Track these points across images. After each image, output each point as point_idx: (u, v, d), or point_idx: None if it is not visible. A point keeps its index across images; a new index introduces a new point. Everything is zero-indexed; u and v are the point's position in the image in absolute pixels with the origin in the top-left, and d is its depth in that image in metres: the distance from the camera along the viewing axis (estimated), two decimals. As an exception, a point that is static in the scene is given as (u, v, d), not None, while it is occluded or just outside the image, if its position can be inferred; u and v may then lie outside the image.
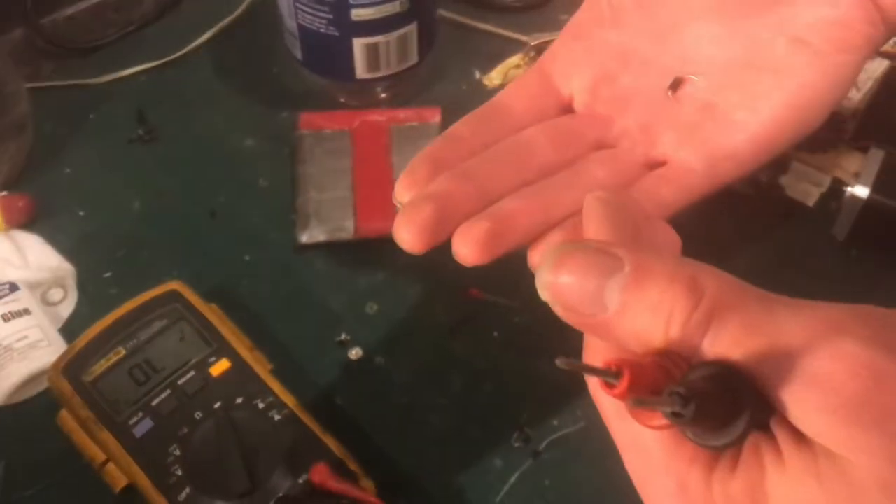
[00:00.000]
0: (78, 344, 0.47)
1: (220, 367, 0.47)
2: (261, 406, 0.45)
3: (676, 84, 0.42)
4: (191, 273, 0.54)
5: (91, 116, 0.64)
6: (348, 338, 0.52)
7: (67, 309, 0.54)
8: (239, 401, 0.45)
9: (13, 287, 0.52)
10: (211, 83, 0.66)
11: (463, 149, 0.40)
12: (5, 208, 0.56)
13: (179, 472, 0.43)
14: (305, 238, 0.56)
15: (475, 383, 0.51)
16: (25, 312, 0.51)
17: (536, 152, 0.40)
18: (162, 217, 0.58)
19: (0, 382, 0.49)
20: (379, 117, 0.61)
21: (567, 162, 0.41)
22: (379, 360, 0.52)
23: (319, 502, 0.42)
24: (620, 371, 0.23)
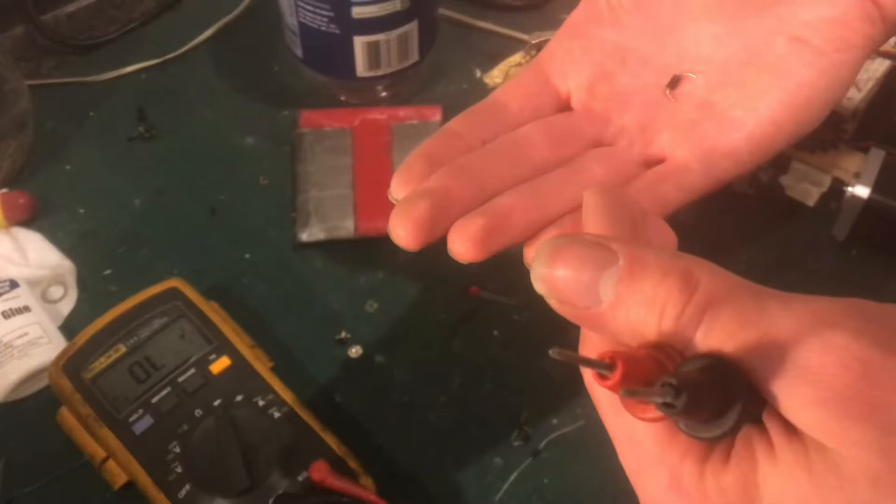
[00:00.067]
0: (78, 341, 0.47)
1: (221, 365, 0.47)
2: (261, 404, 0.45)
3: (675, 82, 0.42)
4: (191, 270, 0.54)
5: (91, 114, 0.64)
6: (348, 336, 0.52)
7: (67, 306, 0.54)
8: (239, 398, 0.46)
9: (13, 284, 0.52)
10: (211, 81, 0.66)
11: (459, 145, 0.40)
12: (6, 205, 0.56)
13: (179, 470, 0.43)
14: (305, 236, 0.56)
15: (475, 382, 0.51)
16: (25, 309, 0.51)
17: (533, 149, 0.40)
18: (162, 215, 0.59)
19: (0, 380, 0.49)
20: (379, 115, 0.61)
21: (564, 159, 0.40)
22: (379, 359, 0.52)
23: (319, 500, 0.42)
24: (614, 363, 0.23)
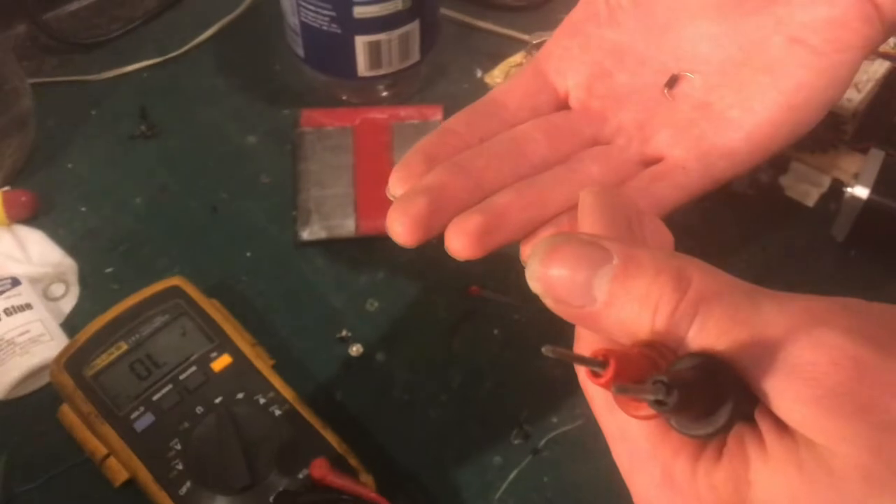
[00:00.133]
0: (79, 339, 0.47)
1: (222, 363, 0.47)
2: (262, 401, 0.46)
3: (672, 81, 0.42)
4: (192, 268, 0.54)
5: (93, 112, 0.64)
6: (349, 334, 0.53)
7: (69, 304, 0.54)
8: (240, 396, 0.46)
9: (15, 282, 0.52)
10: (213, 80, 0.66)
11: (457, 143, 0.40)
12: (7, 203, 0.56)
13: (180, 467, 0.43)
14: (306, 235, 0.56)
15: (475, 380, 0.51)
16: (27, 307, 0.51)
17: (531, 147, 0.40)
18: (163, 213, 0.59)
19: (2, 377, 0.49)
20: (380, 115, 0.61)
21: (561, 158, 0.41)
22: (379, 357, 0.52)
23: (319, 497, 0.42)
24: (606, 360, 0.23)
